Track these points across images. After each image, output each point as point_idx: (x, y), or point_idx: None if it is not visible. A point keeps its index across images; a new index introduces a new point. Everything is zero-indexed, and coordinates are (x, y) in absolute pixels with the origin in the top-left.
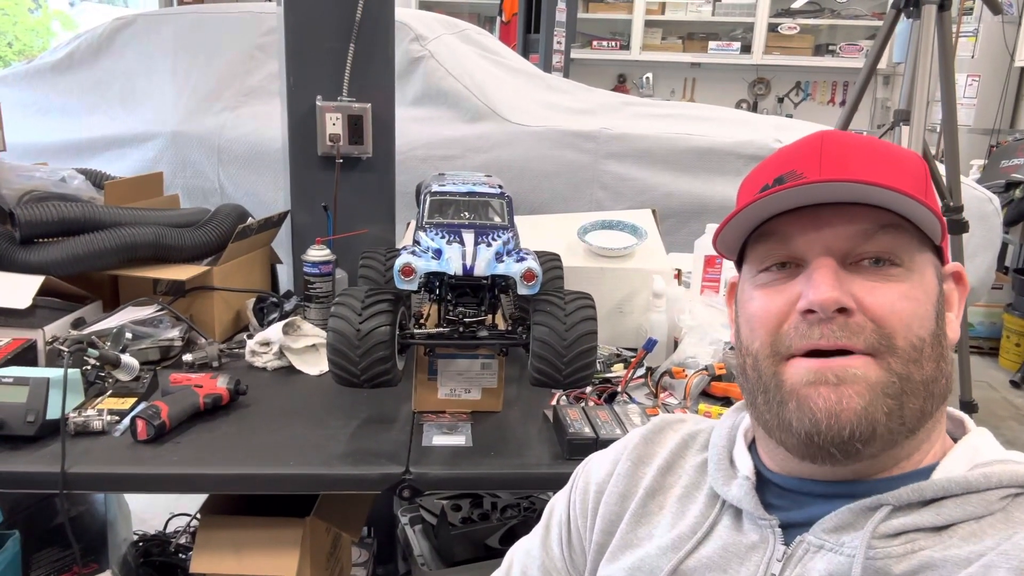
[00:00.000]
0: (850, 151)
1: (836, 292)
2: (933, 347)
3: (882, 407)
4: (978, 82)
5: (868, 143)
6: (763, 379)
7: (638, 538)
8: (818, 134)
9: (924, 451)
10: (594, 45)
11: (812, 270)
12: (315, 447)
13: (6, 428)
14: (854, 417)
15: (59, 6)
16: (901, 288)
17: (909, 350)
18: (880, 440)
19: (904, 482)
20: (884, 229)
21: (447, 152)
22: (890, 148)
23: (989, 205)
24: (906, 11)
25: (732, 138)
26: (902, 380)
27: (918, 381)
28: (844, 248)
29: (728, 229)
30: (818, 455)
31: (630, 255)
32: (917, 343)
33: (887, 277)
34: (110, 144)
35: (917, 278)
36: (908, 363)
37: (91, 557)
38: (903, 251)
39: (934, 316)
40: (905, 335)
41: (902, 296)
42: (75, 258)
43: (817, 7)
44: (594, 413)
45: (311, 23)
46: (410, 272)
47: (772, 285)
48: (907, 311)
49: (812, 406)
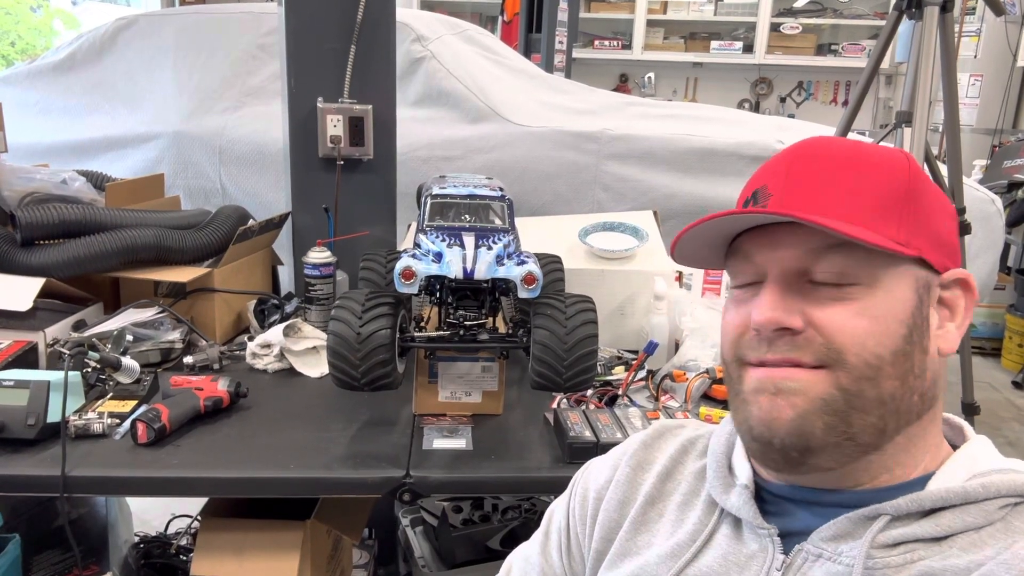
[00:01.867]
0: (816, 169)
1: (775, 313)
2: (895, 365)
3: (818, 421)
4: (981, 82)
5: (841, 157)
6: (732, 383)
7: (637, 546)
8: (795, 147)
9: (910, 465)
10: (596, 45)
11: (762, 290)
12: (315, 450)
13: (7, 431)
14: (783, 427)
15: (61, 5)
16: (855, 306)
17: (862, 367)
18: (825, 453)
19: (899, 492)
20: (832, 249)
21: (448, 153)
22: (864, 162)
23: (991, 206)
24: (908, 13)
25: (734, 139)
26: (849, 396)
27: (871, 398)
28: (796, 266)
29: (692, 243)
30: (764, 461)
31: (631, 257)
32: (872, 360)
33: (842, 295)
34: (112, 144)
35: (880, 295)
36: (859, 380)
37: (92, 559)
38: (860, 269)
39: (899, 334)
40: (857, 352)
41: (856, 314)
42: (76, 260)
43: (819, 7)
44: (595, 416)
45: (312, 24)
46: (410, 275)
47: (740, 299)
48: (860, 329)
49: (750, 413)
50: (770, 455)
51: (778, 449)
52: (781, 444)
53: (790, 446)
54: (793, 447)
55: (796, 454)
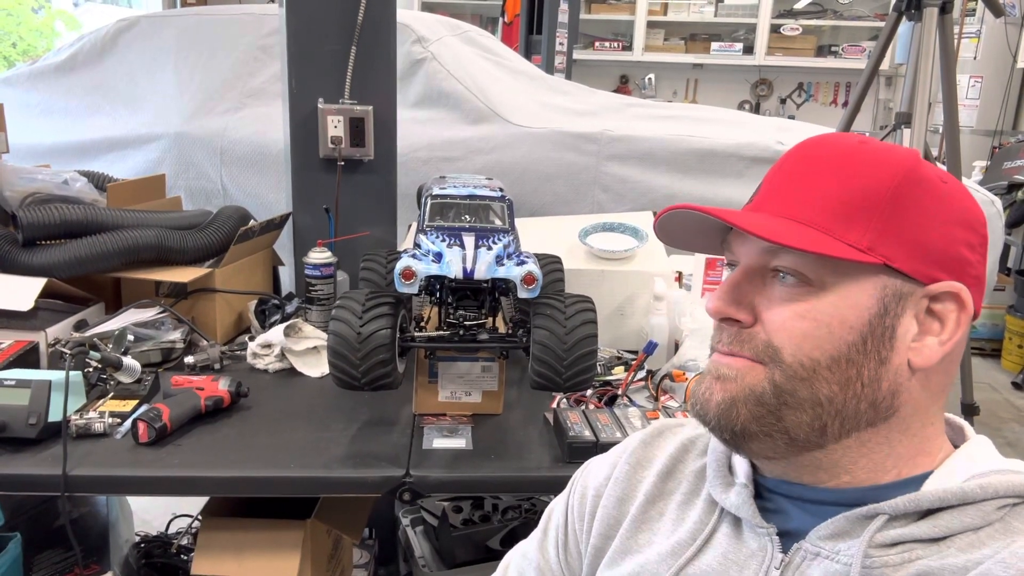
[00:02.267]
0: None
1: (720, 303)
2: (832, 370)
3: (745, 410)
4: (980, 83)
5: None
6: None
7: (638, 544)
8: (793, 148)
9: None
10: (596, 46)
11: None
12: (316, 450)
13: (8, 430)
14: (711, 409)
15: (63, 6)
16: (800, 307)
17: (796, 367)
18: (757, 441)
19: (896, 490)
20: (786, 248)
21: (448, 154)
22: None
23: (991, 207)
24: (907, 14)
25: (734, 140)
26: (780, 393)
27: (804, 398)
28: (759, 262)
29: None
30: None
31: (631, 257)
32: (807, 363)
33: (793, 295)
34: (113, 145)
35: (828, 299)
36: (793, 379)
37: (93, 558)
38: (811, 271)
39: (845, 340)
40: (793, 352)
41: (798, 315)
42: (77, 260)
43: (819, 8)
44: (594, 416)
45: (312, 26)
46: (411, 275)
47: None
48: (798, 330)
49: (696, 392)
50: (713, 434)
51: (713, 428)
52: (712, 424)
53: (721, 428)
54: (723, 429)
55: (728, 436)
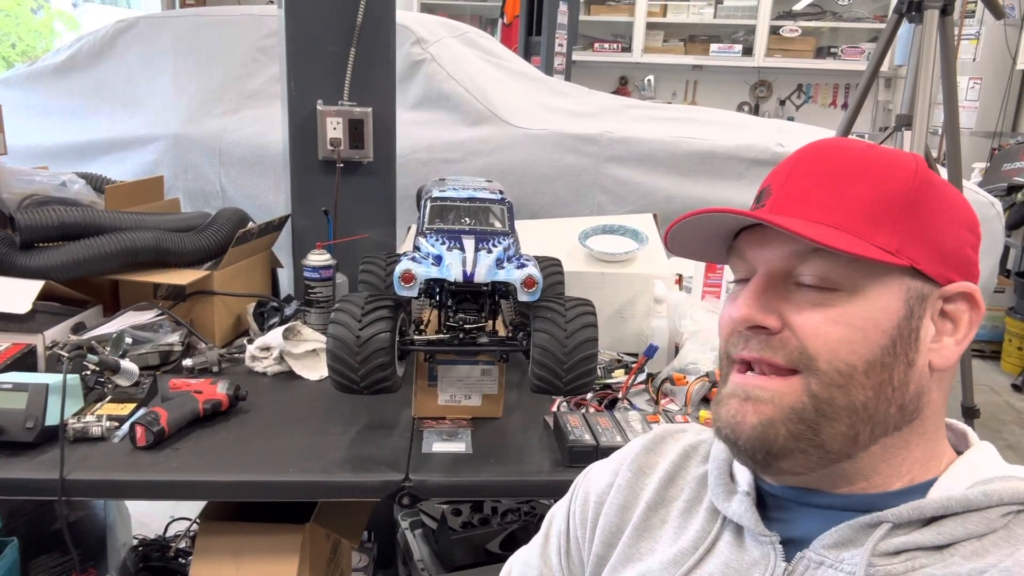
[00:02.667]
0: (816, 174)
1: (750, 311)
2: (868, 375)
3: (781, 428)
4: (980, 85)
5: (844, 162)
6: (721, 380)
7: (640, 552)
8: (803, 149)
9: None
10: (596, 47)
11: (746, 286)
12: (314, 454)
13: (5, 434)
14: (746, 432)
15: (62, 7)
16: (833, 312)
17: (833, 374)
18: (791, 458)
19: (902, 497)
20: (816, 252)
21: (448, 155)
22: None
23: (991, 209)
24: (908, 16)
25: (734, 142)
26: (819, 403)
27: (841, 406)
28: (782, 267)
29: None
30: (742, 461)
31: (631, 260)
32: (844, 368)
33: (822, 300)
34: (111, 147)
35: (861, 303)
36: (831, 387)
37: (90, 562)
38: (843, 276)
39: (879, 344)
40: (829, 359)
41: (831, 320)
42: (75, 262)
43: (819, 9)
44: (595, 420)
45: (311, 27)
46: (410, 278)
47: (734, 296)
48: (834, 335)
49: (720, 414)
50: (738, 456)
51: (743, 451)
52: (745, 448)
53: (754, 450)
54: (757, 451)
55: (760, 457)
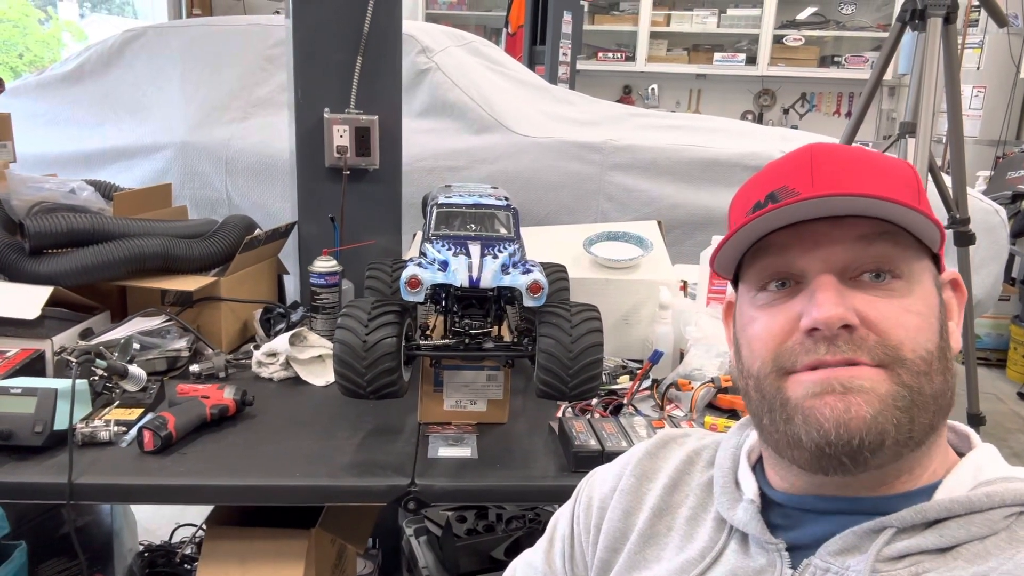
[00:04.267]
0: (840, 164)
1: (840, 309)
2: (940, 360)
3: (892, 418)
4: (984, 93)
5: (856, 155)
6: (767, 398)
7: (646, 559)
8: (806, 148)
9: (925, 466)
10: (600, 57)
11: (814, 287)
12: (321, 458)
13: (14, 438)
14: (863, 426)
15: (69, 17)
16: (905, 302)
17: (919, 362)
18: (888, 451)
19: (907, 500)
20: (882, 236)
21: (453, 163)
22: (878, 159)
23: (996, 217)
24: (911, 24)
25: (737, 149)
26: (913, 393)
27: (928, 395)
28: (843, 261)
29: (724, 249)
30: (829, 466)
31: (636, 266)
32: (926, 356)
33: (889, 291)
34: (119, 155)
35: (919, 290)
36: (919, 375)
37: (97, 567)
38: (902, 260)
39: (938, 328)
40: (913, 348)
41: (906, 310)
42: (84, 269)
43: (822, 19)
44: (600, 425)
45: (319, 36)
46: (416, 284)
47: (773, 305)
48: (913, 325)
49: (819, 416)
50: (834, 459)
51: (854, 449)
52: (859, 444)
53: (868, 445)
54: (870, 446)
55: (868, 454)
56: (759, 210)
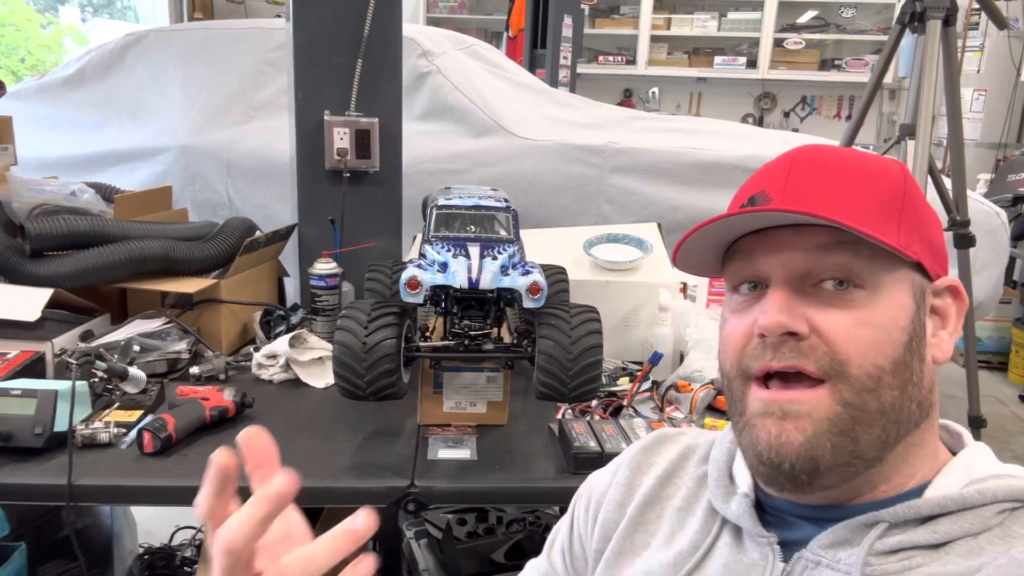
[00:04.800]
0: (817, 172)
1: (783, 316)
2: (895, 374)
3: (826, 443)
4: (984, 96)
5: (839, 163)
6: (735, 402)
7: (634, 545)
8: (790, 154)
9: (907, 474)
10: (600, 60)
11: (768, 293)
12: (320, 460)
13: (14, 440)
14: (793, 451)
15: (71, 22)
16: (860, 314)
17: (864, 378)
18: (832, 473)
19: (898, 502)
20: (841, 245)
21: (454, 166)
22: (864, 164)
23: (996, 219)
24: (911, 26)
25: (738, 152)
26: (853, 411)
27: (873, 410)
28: (802, 267)
29: (693, 247)
30: (773, 483)
31: (636, 268)
32: (873, 371)
33: (847, 302)
34: (120, 158)
35: (882, 302)
36: (862, 392)
37: (97, 569)
38: (865, 271)
39: (901, 342)
40: (860, 363)
41: (859, 322)
42: (84, 271)
43: (823, 22)
44: (599, 427)
45: (319, 39)
46: (416, 285)
47: (742, 308)
48: (863, 338)
49: (757, 437)
50: (777, 478)
51: (787, 473)
52: (791, 468)
53: (800, 470)
54: (803, 471)
55: (805, 477)
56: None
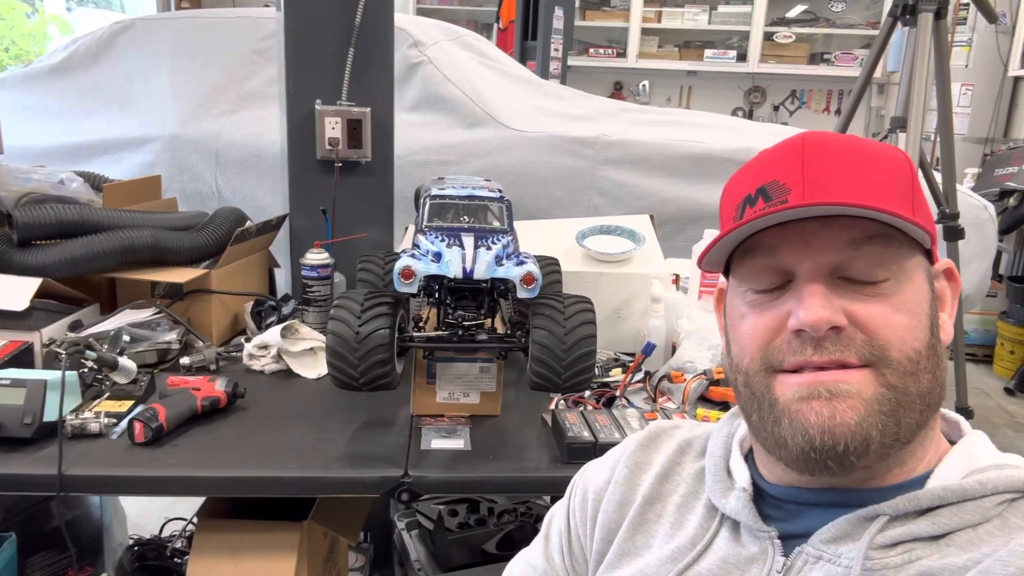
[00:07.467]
0: (832, 160)
1: (826, 311)
2: (929, 358)
3: (876, 423)
4: (972, 91)
5: (851, 148)
6: (756, 396)
7: (636, 547)
8: (798, 138)
9: (918, 458)
10: (591, 53)
11: (802, 288)
12: (313, 450)
13: (3, 430)
14: (848, 432)
15: (56, 10)
16: (893, 301)
17: (905, 362)
18: (875, 454)
19: (900, 491)
20: (872, 240)
21: (445, 157)
22: (872, 150)
23: (984, 213)
24: (903, 19)
25: (729, 145)
26: (898, 394)
27: (915, 394)
28: (833, 261)
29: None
30: (815, 468)
31: (628, 260)
32: (913, 355)
33: (878, 290)
34: (108, 147)
35: (909, 288)
36: (904, 376)
37: (87, 561)
38: (892, 260)
39: (928, 326)
40: (900, 348)
41: (894, 309)
42: (73, 260)
43: (812, 16)
44: (593, 417)
45: (311, 28)
46: (410, 275)
47: (763, 303)
48: (900, 324)
49: (804, 422)
50: (825, 462)
51: (839, 455)
52: (844, 449)
53: (853, 451)
54: (855, 452)
55: (854, 459)
56: (749, 205)
